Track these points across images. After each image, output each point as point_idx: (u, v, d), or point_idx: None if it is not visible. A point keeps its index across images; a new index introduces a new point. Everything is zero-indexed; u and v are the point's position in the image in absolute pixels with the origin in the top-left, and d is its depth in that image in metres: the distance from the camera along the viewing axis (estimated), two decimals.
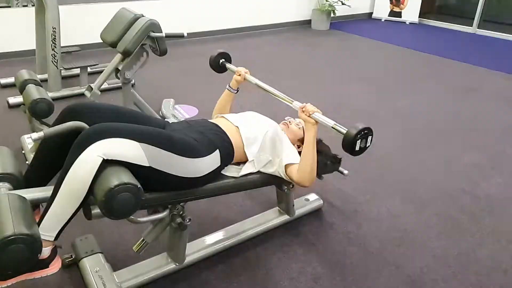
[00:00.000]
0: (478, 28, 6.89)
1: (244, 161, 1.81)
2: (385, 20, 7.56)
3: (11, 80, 3.63)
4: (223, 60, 2.34)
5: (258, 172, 1.81)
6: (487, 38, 6.65)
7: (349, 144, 1.57)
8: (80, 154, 1.31)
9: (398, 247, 2.04)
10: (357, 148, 1.57)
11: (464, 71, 4.95)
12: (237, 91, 2.18)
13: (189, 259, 1.81)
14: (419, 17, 7.35)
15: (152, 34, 2.81)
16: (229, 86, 2.17)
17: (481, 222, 2.26)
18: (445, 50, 5.76)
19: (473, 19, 6.89)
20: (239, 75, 2.14)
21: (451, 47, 6.03)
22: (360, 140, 1.57)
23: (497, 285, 1.85)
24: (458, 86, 4.40)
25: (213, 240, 1.93)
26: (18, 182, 1.49)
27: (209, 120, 1.88)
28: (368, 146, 1.62)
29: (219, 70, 2.37)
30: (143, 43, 2.83)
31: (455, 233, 2.16)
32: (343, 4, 6.65)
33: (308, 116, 1.72)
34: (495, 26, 6.72)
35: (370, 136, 1.61)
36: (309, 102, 1.77)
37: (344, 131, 1.60)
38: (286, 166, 1.77)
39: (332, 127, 1.66)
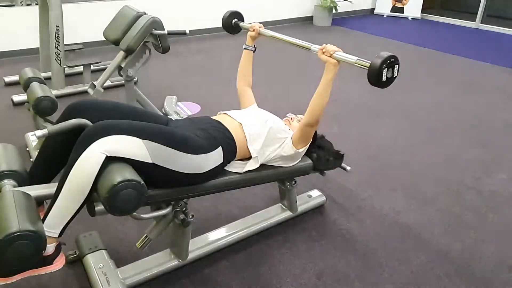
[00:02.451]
0: (481, 23, 6.86)
1: (247, 157, 1.81)
2: (387, 16, 7.53)
3: (15, 78, 3.64)
4: (236, 19, 2.29)
5: (262, 168, 1.81)
6: (491, 33, 6.62)
7: (375, 75, 1.49)
8: (83, 151, 1.32)
9: (401, 243, 2.04)
10: (383, 78, 1.50)
11: (467, 67, 4.92)
12: (255, 49, 2.18)
13: (192, 255, 1.82)
14: (422, 12, 7.32)
15: (155, 31, 2.81)
16: (246, 45, 2.17)
17: (485, 218, 2.26)
18: (448, 45, 5.74)
19: (476, 14, 6.85)
20: (253, 30, 2.13)
21: (454, 42, 6.00)
22: (386, 69, 1.49)
23: (501, 281, 1.85)
24: (461, 82, 4.38)
25: (216, 237, 1.94)
26: (23, 179, 1.50)
27: (212, 117, 1.88)
28: (395, 76, 1.53)
29: (232, 30, 2.32)
30: (145, 40, 2.84)
31: (458, 229, 2.16)
32: (345, 0, 6.63)
33: (329, 56, 1.69)
34: (499, 21, 6.69)
35: (397, 65, 1.53)
36: (309, 98, 1.77)
37: (368, 64, 1.54)
38: (292, 136, 1.81)
39: (355, 63, 1.61)
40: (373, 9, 7.71)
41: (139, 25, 2.80)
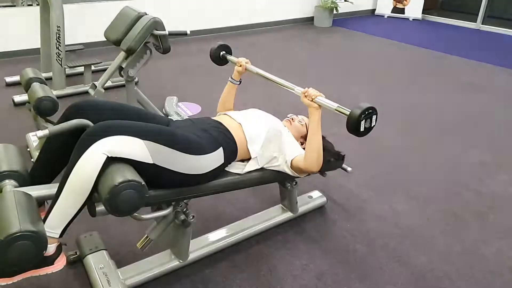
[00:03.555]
0: (482, 24, 6.85)
1: (248, 158, 1.81)
2: (388, 16, 7.53)
3: (16, 78, 3.64)
4: (224, 52, 2.32)
5: (262, 169, 1.82)
6: (491, 34, 6.61)
7: (353, 124, 1.53)
8: (84, 152, 1.32)
9: (402, 244, 2.04)
10: (362, 128, 1.54)
11: (468, 68, 4.92)
12: (240, 82, 2.18)
13: (192, 256, 1.82)
14: (422, 13, 7.32)
15: (156, 32, 2.82)
16: (231, 78, 2.17)
17: (486, 219, 2.26)
18: (448, 46, 5.74)
19: (477, 15, 6.84)
20: (240, 65, 2.13)
21: (454, 43, 6.00)
22: (364, 120, 1.53)
23: (502, 282, 1.84)
24: (462, 83, 4.38)
25: (217, 237, 1.94)
26: (24, 179, 1.50)
27: (212, 118, 1.88)
28: (373, 126, 1.58)
29: (220, 62, 2.35)
30: (146, 41, 2.84)
31: (459, 230, 2.16)
32: (345, 1, 6.63)
33: (311, 100, 1.70)
34: (500, 22, 6.69)
35: (375, 116, 1.56)
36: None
37: (348, 112, 1.56)
38: (292, 160, 1.78)
39: (335, 110, 1.63)
40: (374, 9, 7.71)
41: (140, 25, 2.80)
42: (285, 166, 1.80)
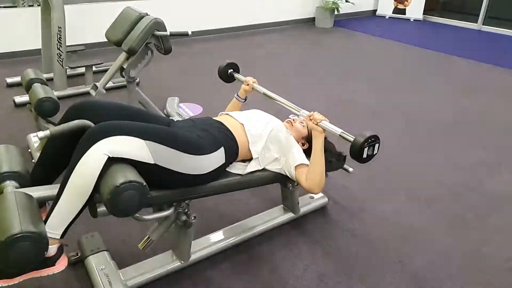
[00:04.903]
0: (483, 24, 6.84)
1: (249, 159, 1.81)
2: (389, 17, 7.52)
3: (17, 79, 3.65)
4: (232, 70, 2.40)
5: (264, 169, 1.82)
6: (492, 34, 6.61)
7: (356, 151, 1.61)
8: (85, 152, 1.32)
9: (404, 245, 2.04)
10: (364, 155, 1.61)
11: (469, 68, 4.92)
12: (245, 100, 2.23)
13: (194, 256, 1.82)
14: (424, 14, 7.32)
15: (157, 32, 2.81)
16: (237, 96, 2.22)
17: (487, 220, 2.25)
18: (449, 47, 5.73)
19: (478, 15, 6.83)
20: (247, 84, 2.19)
21: (455, 44, 6.00)
22: (367, 147, 1.61)
23: (503, 282, 1.84)
24: (463, 83, 4.38)
25: (218, 238, 1.93)
26: (25, 180, 1.50)
27: (213, 118, 1.88)
28: (375, 153, 1.66)
29: (227, 80, 2.43)
30: (147, 41, 2.84)
31: (460, 231, 2.16)
32: (347, 1, 6.63)
33: (316, 124, 1.74)
34: (500, 23, 6.68)
35: (377, 144, 1.64)
36: (311, 100, 1.77)
37: (352, 139, 1.64)
38: (296, 168, 1.78)
39: (339, 135, 1.70)
40: (375, 10, 7.71)
41: (141, 26, 2.80)
42: (287, 170, 1.80)
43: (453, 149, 3.00)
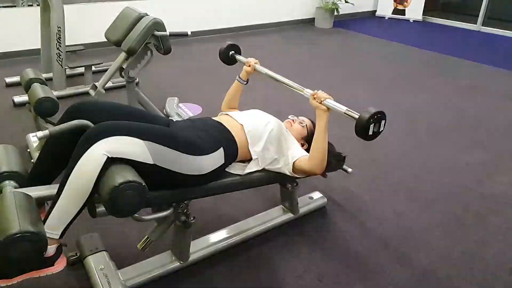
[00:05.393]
0: (482, 25, 6.85)
1: (248, 159, 1.81)
2: (388, 18, 7.53)
3: (16, 79, 3.64)
4: (233, 52, 2.32)
5: (263, 170, 1.81)
6: (492, 35, 6.61)
7: (362, 128, 1.54)
8: (85, 152, 1.32)
9: (403, 246, 2.04)
10: (370, 132, 1.55)
11: (469, 69, 4.92)
12: (247, 82, 2.18)
13: (193, 257, 1.82)
14: (423, 14, 7.32)
15: (156, 33, 2.81)
16: (239, 77, 2.17)
17: (486, 221, 2.25)
18: (449, 47, 5.73)
19: (477, 16, 6.84)
20: (249, 66, 2.14)
21: (455, 44, 6.00)
22: (373, 124, 1.54)
23: (502, 283, 1.84)
24: (462, 84, 4.38)
25: (217, 238, 1.93)
26: (24, 180, 1.50)
27: (213, 118, 1.88)
28: (382, 130, 1.58)
29: (229, 62, 2.35)
30: (147, 42, 2.84)
31: (460, 232, 2.16)
32: (346, 2, 6.63)
33: (320, 102, 1.71)
34: (500, 24, 6.68)
35: (383, 120, 1.57)
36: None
37: (357, 116, 1.57)
38: (295, 162, 1.78)
39: (344, 113, 1.64)
40: (375, 11, 7.71)
41: (141, 26, 2.80)
42: (286, 168, 1.80)
43: (453, 150, 3.00)
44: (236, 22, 6.09)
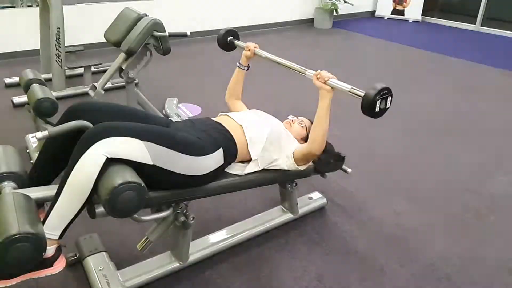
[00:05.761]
0: (481, 25, 6.86)
1: (248, 160, 1.81)
2: (388, 18, 7.53)
3: (15, 79, 3.64)
4: (231, 37, 2.28)
5: (263, 170, 1.81)
6: (490, 35, 6.62)
7: (368, 105, 1.51)
8: (84, 153, 1.31)
9: (402, 246, 2.03)
10: (377, 109, 1.51)
11: (467, 69, 4.93)
12: (248, 68, 2.16)
13: (192, 257, 1.82)
14: (422, 15, 7.33)
15: (156, 33, 2.81)
16: (239, 64, 2.16)
17: (485, 221, 2.25)
18: (448, 48, 5.74)
19: (476, 16, 6.85)
20: (249, 50, 2.12)
21: (454, 45, 6.01)
22: (380, 100, 1.51)
23: (502, 283, 1.84)
24: (461, 84, 4.38)
25: (217, 239, 1.93)
26: (23, 181, 1.49)
27: (212, 119, 1.88)
28: (388, 107, 1.55)
29: (227, 48, 2.31)
30: (146, 42, 2.84)
31: (459, 232, 2.16)
32: (345, 2, 6.64)
33: (324, 82, 1.69)
34: (499, 24, 6.69)
35: (390, 97, 1.54)
36: (310, 100, 1.77)
37: (362, 94, 1.55)
38: (294, 152, 1.80)
39: (349, 91, 1.61)
40: (374, 11, 7.72)
41: (140, 27, 2.80)
42: (286, 164, 1.80)
43: (452, 150, 3.00)
44: (236, 22, 6.09)
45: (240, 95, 2.20)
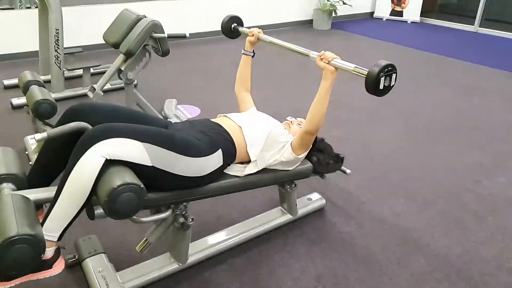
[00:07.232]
0: (479, 26, 6.87)
1: (247, 161, 1.81)
2: (386, 19, 7.55)
3: (14, 81, 3.64)
4: (235, 24, 2.26)
5: (262, 171, 1.81)
6: (489, 36, 6.63)
7: (372, 83, 1.49)
8: (83, 154, 1.31)
9: (401, 246, 2.04)
10: (381, 87, 1.50)
11: (466, 70, 4.93)
12: (254, 54, 2.16)
13: (192, 259, 1.81)
14: (421, 16, 7.34)
15: (155, 34, 2.82)
16: (244, 50, 2.15)
17: (485, 221, 2.26)
18: (446, 49, 5.75)
19: (475, 17, 6.87)
20: (252, 35, 2.12)
21: (452, 46, 6.02)
22: (384, 77, 1.49)
23: (501, 284, 1.84)
24: (460, 85, 4.39)
25: (216, 240, 1.93)
26: (22, 182, 1.49)
27: (211, 120, 1.88)
28: (393, 85, 1.53)
29: (231, 35, 2.29)
30: (145, 43, 2.84)
31: (458, 232, 2.16)
32: (344, 3, 6.65)
33: (327, 63, 1.70)
34: (497, 25, 6.70)
35: (394, 74, 1.52)
36: (309, 101, 1.77)
37: (366, 72, 1.53)
38: (292, 143, 1.81)
39: (353, 70, 1.60)
40: (373, 12, 7.73)
41: (139, 28, 2.80)
42: (282, 156, 1.82)
43: (451, 151, 3.01)
44: None
45: (249, 86, 2.18)
